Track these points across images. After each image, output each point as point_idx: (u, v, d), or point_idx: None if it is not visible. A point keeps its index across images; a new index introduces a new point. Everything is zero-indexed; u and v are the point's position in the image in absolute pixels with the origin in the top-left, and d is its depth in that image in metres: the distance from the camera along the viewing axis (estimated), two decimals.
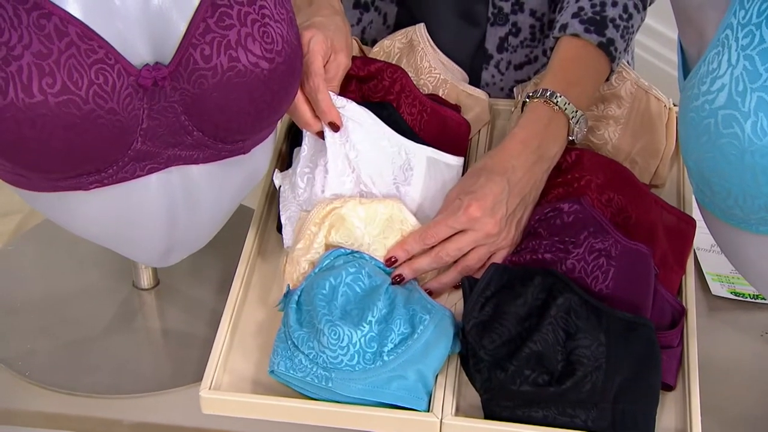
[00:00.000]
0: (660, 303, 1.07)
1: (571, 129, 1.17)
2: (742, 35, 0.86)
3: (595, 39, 1.20)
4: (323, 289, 1.04)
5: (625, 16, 1.22)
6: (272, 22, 0.97)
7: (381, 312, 1.02)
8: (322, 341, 1.00)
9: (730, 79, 0.86)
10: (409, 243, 1.09)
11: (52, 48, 0.89)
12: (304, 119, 1.13)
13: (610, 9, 1.21)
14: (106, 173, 0.98)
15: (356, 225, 1.10)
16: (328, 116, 1.12)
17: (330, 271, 1.06)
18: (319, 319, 1.01)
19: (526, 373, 0.98)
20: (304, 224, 1.10)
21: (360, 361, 1.01)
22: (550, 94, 1.16)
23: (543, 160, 1.14)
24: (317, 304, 1.02)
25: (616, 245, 1.07)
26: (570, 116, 1.16)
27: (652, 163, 1.26)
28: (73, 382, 1.12)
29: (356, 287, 1.05)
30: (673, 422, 1.03)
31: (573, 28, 1.21)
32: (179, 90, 0.96)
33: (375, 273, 1.07)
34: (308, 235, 1.10)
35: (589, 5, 1.22)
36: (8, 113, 0.89)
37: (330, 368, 1.01)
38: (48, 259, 1.29)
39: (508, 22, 1.41)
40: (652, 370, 1.01)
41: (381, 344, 1.01)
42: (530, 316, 1.02)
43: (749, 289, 1.24)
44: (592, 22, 1.20)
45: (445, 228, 1.09)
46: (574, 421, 0.98)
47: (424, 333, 1.02)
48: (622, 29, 1.21)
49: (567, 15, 1.22)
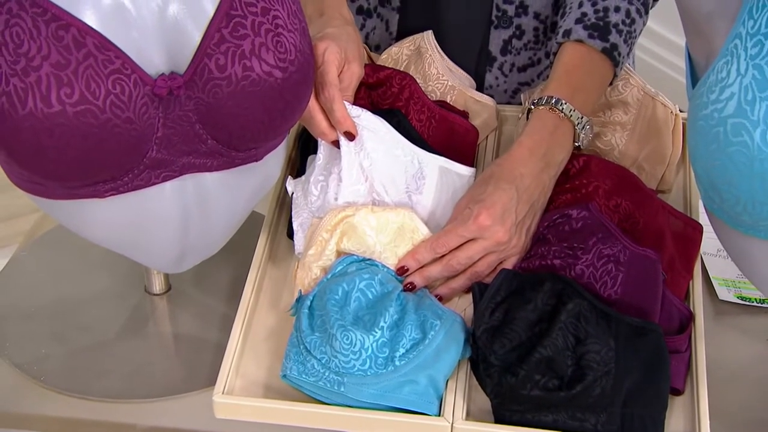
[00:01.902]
0: (668, 308, 1.08)
1: (577, 135, 1.17)
2: (751, 45, 0.87)
3: (599, 45, 1.20)
4: (336, 294, 1.05)
5: (627, 21, 1.22)
6: (285, 31, 0.98)
7: (392, 318, 1.03)
8: (334, 346, 1.01)
9: (739, 88, 0.87)
10: (420, 252, 1.10)
11: (70, 59, 0.90)
12: (319, 129, 1.14)
13: (613, 14, 1.22)
14: (121, 181, 0.99)
15: (368, 233, 1.11)
16: (344, 126, 1.13)
17: (343, 277, 1.07)
18: (332, 324, 1.02)
19: (536, 377, 0.99)
20: (315, 231, 1.11)
21: (372, 365, 1.02)
22: (555, 101, 1.17)
23: (550, 167, 1.15)
24: (330, 309, 1.03)
25: (625, 251, 1.08)
26: (575, 122, 1.17)
27: (658, 168, 1.27)
28: (87, 387, 1.13)
29: (369, 293, 1.06)
30: (682, 426, 1.03)
31: (577, 34, 1.21)
32: (194, 99, 0.97)
33: (387, 280, 1.08)
34: (320, 241, 1.11)
35: (593, 11, 1.22)
36: (27, 123, 0.90)
37: (342, 373, 1.02)
38: (60, 265, 1.30)
39: (511, 24, 1.42)
40: (660, 374, 1.02)
41: (393, 349, 1.02)
42: (540, 321, 1.02)
43: (756, 293, 1.25)
44: (596, 28, 1.21)
45: (456, 237, 1.10)
46: (583, 425, 0.99)
47: (435, 338, 1.03)
48: (625, 34, 1.21)
49: (570, 21, 1.23)
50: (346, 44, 1.16)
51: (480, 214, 1.10)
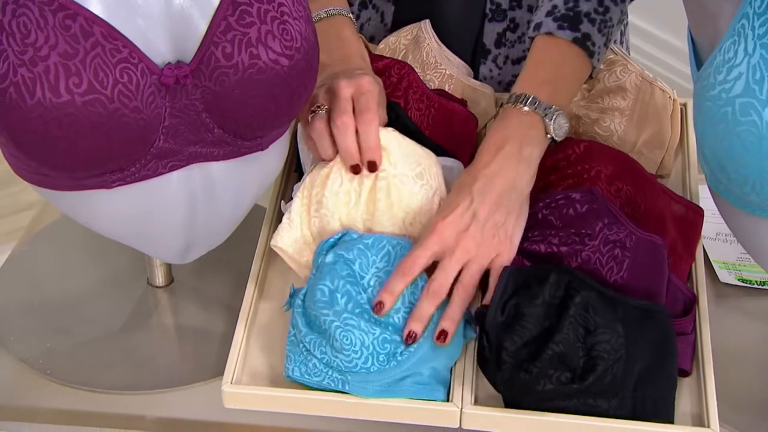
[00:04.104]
0: (673, 291, 1.09)
1: (548, 126, 1.14)
2: (758, 24, 0.88)
3: (569, 35, 1.18)
4: (323, 296, 1.03)
5: (600, 10, 1.20)
6: (291, 19, 0.98)
7: (390, 312, 1.04)
8: (335, 346, 1.01)
9: (747, 68, 0.88)
10: (391, 283, 1.05)
11: (78, 48, 0.90)
12: (327, 153, 1.12)
13: (584, 3, 1.20)
14: (129, 171, 0.99)
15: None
16: (375, 154, 1.10)
17: (324, 274, 1.05)
18: (328, 325, 1.02)
19: (549, 372, 0.98)
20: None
21: (374, 362, 1.02)
22: (516, 97, 1.15)
23: (519, 161, 1.11)
24: (320, 312, 1.02)
25: (631, 236, 1.08)
26: (542, 115, 1.14)
27: (657, 153, 1.28)
28: (94, 380, 1.13)
29: (354, 287, 1.05)
30: (689, 407, 1.04)
31: (547, 27, 1.19)
32: (201, 88, 0.97)
33: (364, 261, 1.07)
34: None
35: (563, 2, 1.20)
36: (35, 113, 0.89)
37: (345, 371, 1.02)
38: (60, 260, 1.30)
39: (506, 18, 1.42)
40: (668, 356, 1.03)
41: (394, 344, 1.02)
42: (549, 315, 1.02)
43: (756, 275, 1.26)
44: (566, 19, 1.19)
45: (420, 254, 1.06)
46: (596, 410, 1.00)
47: (433, 329, 1.04)
48: (599, 23, 1.19)
49: (541, 14, 1.21)
50: (380, 96, 1.15)
51: (436, 224, 1.07)
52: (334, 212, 1.10)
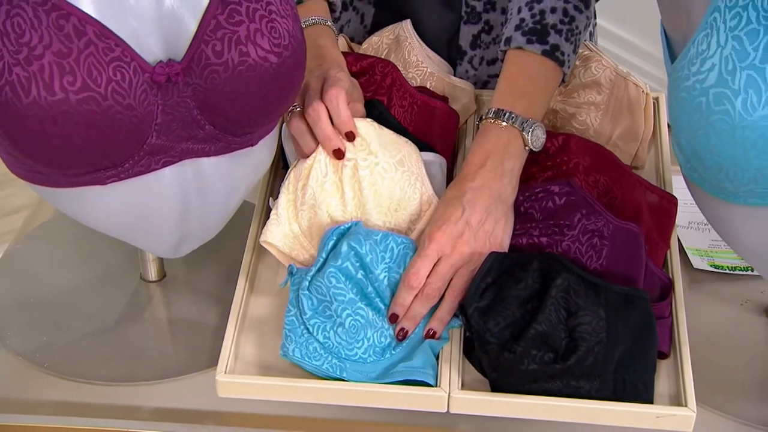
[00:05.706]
0: (650, 277, 1.12)
1: (526, 139, 1.18)
2: (730, 17, 0.90)
3: (538, 48, 1.21)
4: (339, 282, 1.07)
5: (566, 20, 1.23)
6: (279, 17, 1.01)
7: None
8: (339, 333, 1.05)
9: (719, 59, 0.90)
10: (401, 296, 1.10)
11: (72, 47, 0.92)
12: (325, 132, 1.15)
13: (550, 16, 1.22)
14: (122, 167, 1.01)
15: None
16: (347, 126, 1.14)
17: (339, 261, 1.08)
18: (339, 312, 1.05)
19: (533, 353, 1.01)
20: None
21: (371, 354, 1.06)
22: (495, 112, 1.18)
23: (502, 175, 1.15)
24: (335, 298, 1.06)
25: (608, 225, 1.11)
26: (520, 129, 1.17)
27: (632, 146, 1.31)
28: (90, 372, 1.15)
29: (365, 279, 1.09)
30: (667, 388, 1.07)
31: (516, 41, 1.22)
32: (192, 85, 0.99)
33: (374, 257, 1.10)
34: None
35: (529, 15, 1.23)
36: (31, 112, 0.91)
37: (344, 359, 1.06)
38: (55, 257, 1.31)
39: (480, 20, 1.45)
40: (649, 340, 1.06)
41: (390, 338, 1.08)
42: (531, 298, 1.05)
43: (728, 261, 1.29)
44: (534, 32, 1.22)
45: (422, 264, 1.10)
46: (578, 392, 1.02)
47: (424, 321, 1.09)
48: (566, 33, 1.22)
49: (510, 28, 1.24)
50: (352, 87, 1.18)
51: (433, 234, 1.11)
52: (321, 203, 1.13)
